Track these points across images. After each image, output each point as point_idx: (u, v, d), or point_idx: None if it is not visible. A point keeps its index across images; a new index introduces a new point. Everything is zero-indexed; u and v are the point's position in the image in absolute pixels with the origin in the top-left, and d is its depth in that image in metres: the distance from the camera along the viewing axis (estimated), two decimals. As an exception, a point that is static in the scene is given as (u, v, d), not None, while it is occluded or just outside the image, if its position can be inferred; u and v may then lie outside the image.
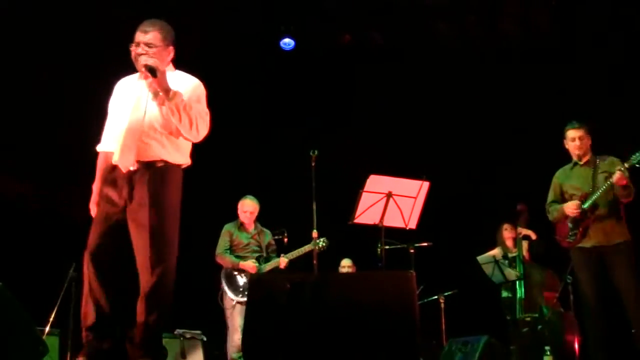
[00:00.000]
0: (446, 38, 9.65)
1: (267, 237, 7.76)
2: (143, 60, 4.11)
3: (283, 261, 7.52)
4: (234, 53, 9.54)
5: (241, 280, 7.47)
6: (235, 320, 7.26)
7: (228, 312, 7.37)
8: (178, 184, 4.33)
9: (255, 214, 7.70)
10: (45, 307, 6.73)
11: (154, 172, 4.19)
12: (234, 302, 7.34)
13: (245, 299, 7.06)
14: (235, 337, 7.20)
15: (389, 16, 9.60)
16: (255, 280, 4.61)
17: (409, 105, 9.74)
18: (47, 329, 6.75)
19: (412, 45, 9.68)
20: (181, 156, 4.34)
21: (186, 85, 4.33)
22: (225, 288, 7.45)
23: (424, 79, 9.67)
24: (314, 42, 9.94)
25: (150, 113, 4.21)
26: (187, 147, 4.40)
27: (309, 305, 3.99)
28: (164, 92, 4.10)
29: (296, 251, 7.54)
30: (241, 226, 7.68)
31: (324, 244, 7.43)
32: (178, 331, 7.95)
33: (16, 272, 6.84)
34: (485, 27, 9.52)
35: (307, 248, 7.46)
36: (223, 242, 7.61)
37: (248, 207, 7.64)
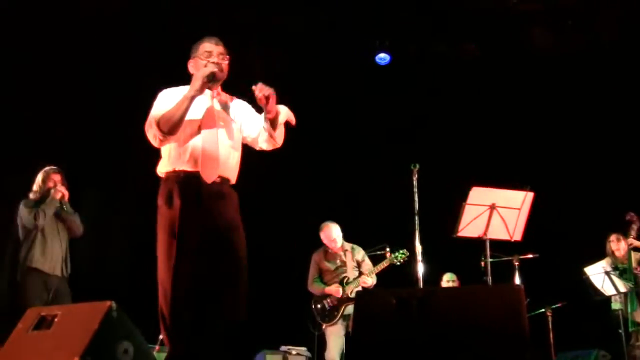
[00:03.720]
0: (543, 44, 9.47)
1: (358, 254, 7.59)
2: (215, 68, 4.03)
3: (364, 282, 7.35)
4: (330, 69, 9.60)
5: (326, 304, 7.40)
6: (329, 341, 7.28)
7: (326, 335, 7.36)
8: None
9: (341, 237, 7.56)
10: (155, 325, 6.90)
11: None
12: (323, 327, 7.37)
13: (329, 322, 7.30)
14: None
15: (483, 25, 9.50)
16: (361, 296, 4.59)
17: (509, 115, 9.59)
18: (157, 346, 6.94)
19: (508, 53, 9.55)
20: None
21: (243, 104, 4.34)
22: (315, 313, 7.47)
23: (523, 88, 9.52)
24: (410, 55, 9.92)
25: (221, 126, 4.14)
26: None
27: (416, 320, 3.93)
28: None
29: (374, 268, 7.46)
30: (327, 253, 7.58)
31: (403, 256, 7.38)
32: (283, 348, 8.02)
33: (128, 291, 7.07)
34: (582, 31, 9.29)
35: (385, 263, 7.44)
36: (312, 273, 7.58)
37: (332, 233, 7.52)
